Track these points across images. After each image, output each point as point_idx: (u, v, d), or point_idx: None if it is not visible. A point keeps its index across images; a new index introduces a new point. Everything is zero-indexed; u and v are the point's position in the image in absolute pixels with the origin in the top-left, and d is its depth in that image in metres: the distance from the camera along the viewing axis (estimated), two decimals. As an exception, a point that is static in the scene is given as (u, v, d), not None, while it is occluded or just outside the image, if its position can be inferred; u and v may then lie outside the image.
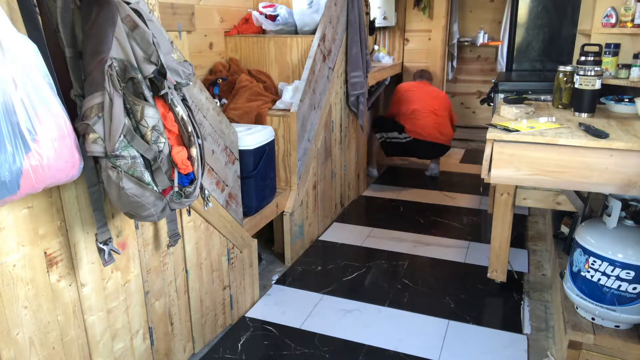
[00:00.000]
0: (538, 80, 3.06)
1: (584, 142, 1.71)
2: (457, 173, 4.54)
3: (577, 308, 2.01)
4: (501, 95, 2.85)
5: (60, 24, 1.24)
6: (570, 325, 1.94)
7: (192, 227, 1.95)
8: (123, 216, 1.57)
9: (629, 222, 1.89)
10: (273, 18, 3.24)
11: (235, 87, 2.97)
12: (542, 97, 2.62)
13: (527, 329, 2.26)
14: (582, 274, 1.92)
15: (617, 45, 2.36)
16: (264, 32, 3.32)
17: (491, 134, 1.82)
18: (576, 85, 2.06)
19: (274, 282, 2.70)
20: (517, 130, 1.83)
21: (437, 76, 4.99)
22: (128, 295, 1.66)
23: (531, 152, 1.78)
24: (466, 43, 5.43)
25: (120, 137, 1.22)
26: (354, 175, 3.85)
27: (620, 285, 1.82)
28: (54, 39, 1.26)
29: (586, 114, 2.07)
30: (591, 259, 1.88)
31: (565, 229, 2.61)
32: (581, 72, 2.02)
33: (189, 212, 1.90)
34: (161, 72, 1.28)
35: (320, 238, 3.23)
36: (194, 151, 1.40)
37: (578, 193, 2.41)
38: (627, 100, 2.21)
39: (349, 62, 3.39)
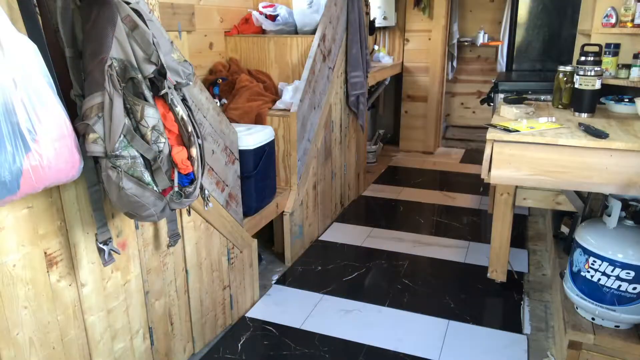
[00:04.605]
0: (538, 80, 3.06)
1: (584, 142, 1.71)
2: (457, 173, 4.54)
3: (577, 308, 2.01)
4: (501, 95, 2.85)
5: (60, 24, 1.24)
6: (570, 325, 1.94)
7: (192, 227, 1.95)
8: (123, 216, 1.57)
9: (629, 222, 1.89)
10: (273, 18, 3.23)
11: (235, 87, 2.97)
12: (542, 97, 2.62)
13: (527, 329, 2.26)
14: (582, 274, 1.92)
15: (617, 45, 2.36)
16: (264, 32, 3.32)
17: (491, 134, 1.82)
18: (576, 85, 2.06)
19: (274, 282, 2.70)
20: (517, 131, 1.83)
21: (437, 76, 4.99)
22: (128, 295, 1.66)
23: (531, 152, 1.78)
24: (466, 43, 5.42)
25: (120, 137, 1.22)
26: (354, 175, 3.85)
27: (620, 285, 1.82)
28: (54, 39, 1.26)
29: (586, 114, 2.07)
30: (591, 259, 1.88)
31: (565, 229, 2.61)
32: (581, 72, 2.02)
33: (189, 212, 1.90)
34: (161, 72, 1.28)
35: (320, 238, 3.23)
36: (194, 151, 1.40)
37: (578, 193, 2.41)
38: (627, 100, 2.21)
39: (349, 62, 3.39)
